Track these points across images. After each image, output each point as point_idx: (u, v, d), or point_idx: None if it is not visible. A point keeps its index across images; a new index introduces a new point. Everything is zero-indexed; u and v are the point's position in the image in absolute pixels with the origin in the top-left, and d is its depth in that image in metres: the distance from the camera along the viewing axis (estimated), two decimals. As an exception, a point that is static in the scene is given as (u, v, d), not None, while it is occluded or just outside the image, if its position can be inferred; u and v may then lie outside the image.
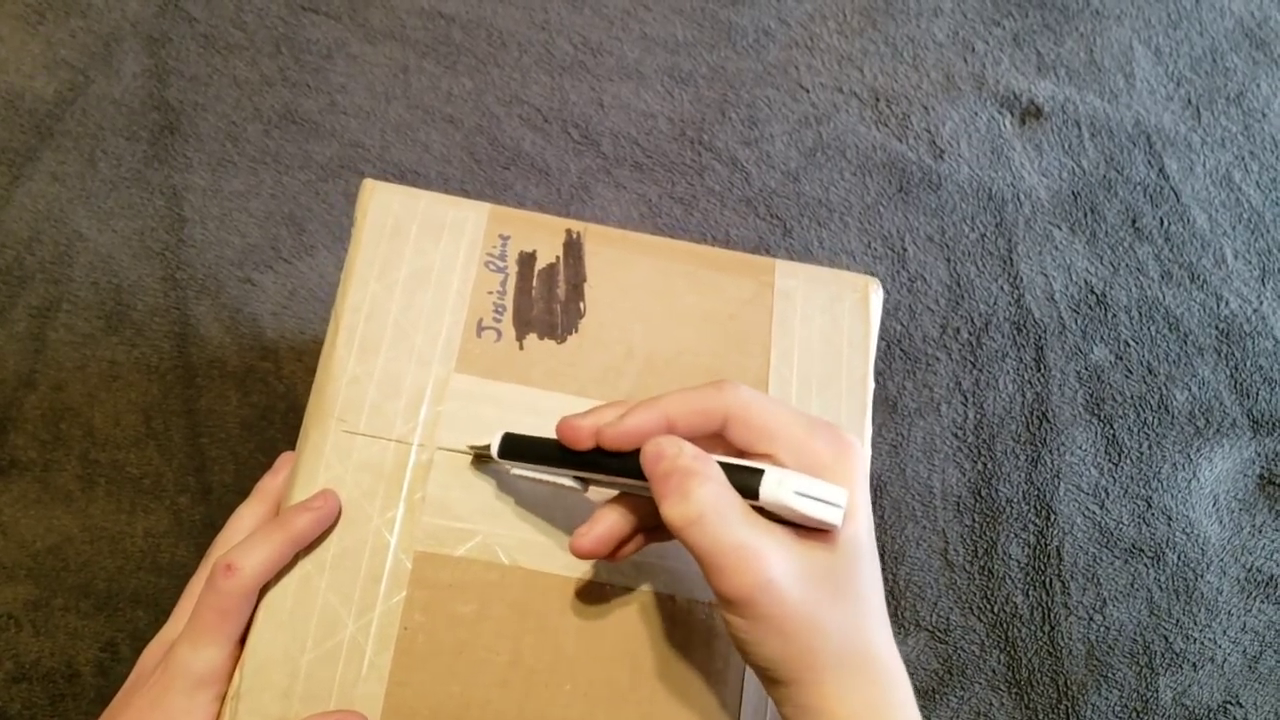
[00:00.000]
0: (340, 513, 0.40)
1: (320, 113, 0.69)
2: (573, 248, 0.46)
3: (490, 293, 0.45)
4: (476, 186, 0.68)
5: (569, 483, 0.38)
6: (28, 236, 0.63)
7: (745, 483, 0.33)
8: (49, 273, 0.62)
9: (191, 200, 0.65)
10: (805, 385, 0.44)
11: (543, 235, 0.46)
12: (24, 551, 0.56)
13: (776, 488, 0.33)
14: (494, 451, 0.39)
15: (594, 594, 0.40)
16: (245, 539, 0.39)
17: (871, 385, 0.45)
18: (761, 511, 0.34)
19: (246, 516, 0.43)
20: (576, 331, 0.45)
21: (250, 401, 0.60)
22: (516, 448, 0.39)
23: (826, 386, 0.44)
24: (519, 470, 0.39)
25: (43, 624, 0.55)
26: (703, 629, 0.40)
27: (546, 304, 0.45)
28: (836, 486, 0.33)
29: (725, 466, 0.34)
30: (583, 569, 0.41)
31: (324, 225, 0.66)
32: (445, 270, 0.45)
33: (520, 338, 0.44)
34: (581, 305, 0.45)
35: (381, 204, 0.45)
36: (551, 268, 0.46)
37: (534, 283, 0.45)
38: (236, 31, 0.71)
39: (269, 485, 0.44)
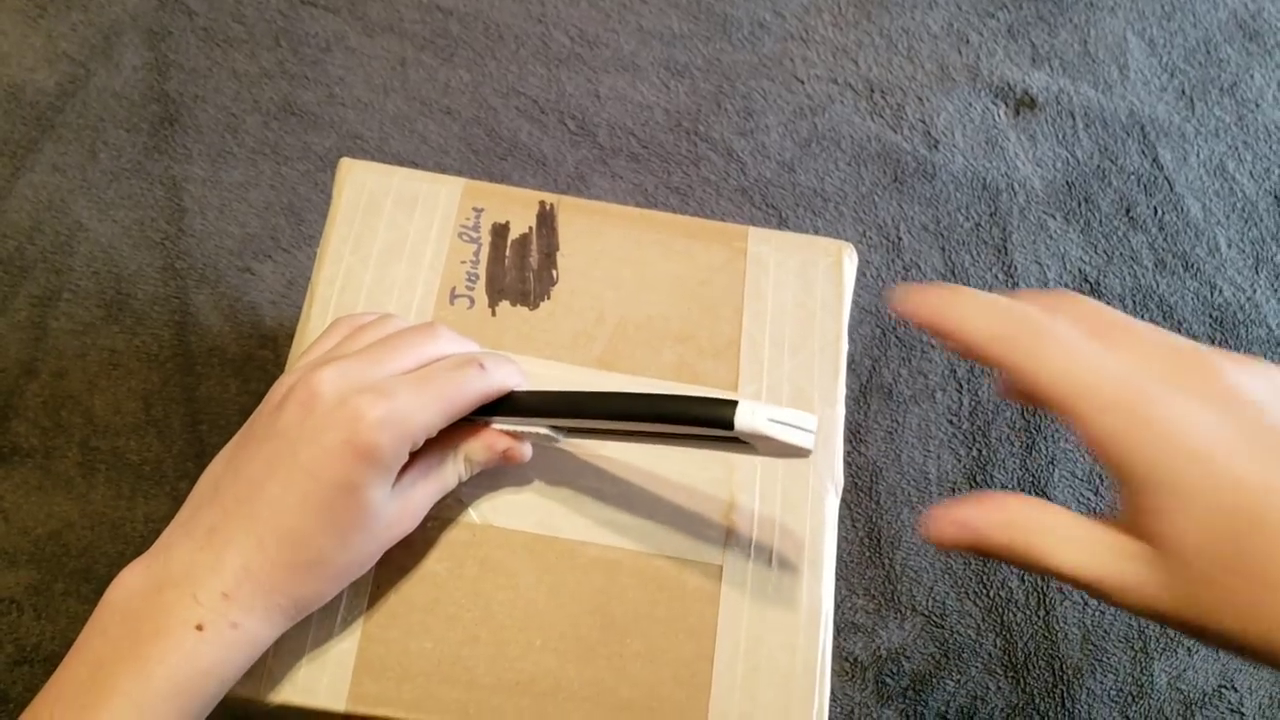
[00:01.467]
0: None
1: (319, 104, 0.69)
2: (546, 218, 0.47)
3: (463, 262, 0.45)
4: (474, 177, 0.68)
5: (545, 432, 0.38)
6: (29, 226, 0.63)
7: (719, 414, 0.33)
8: (50, 262, 0.63)
9: (191, 191, 0.66)
10: (777, 348, 0.45)
11: (516, 207, 0.47)
12: (25, 537, 0.56)
13: (750, 417, 0.33)
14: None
15: (565, 551, 0.41)
16: (488, 356, 0.38)
17: (845, 348, 0.45)
18: (736, 443, 0.34)
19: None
20: (549, 298, 0.45)
21: (249, 389, 0.61)
22: (492, 402, 0.39)
23: (799, 349, 0.45)
24: (497, 424, 0.40)
25: (44, 608, 0.55)
26: (674, 584, 0.40)
27: (519, 272, 0.45)
28: (806, 413, 0.33)
29: (695, 400, 0.34)
30: (553, 527, 0.41)
31: (322, 215, 0.66)
32: (419, 242, 0.45)
33: (493, 305, 0.45)
34: (554, 273, 0.45)
35: (357, 181, 0.46)
36: (525, 238, 0.46)
37: (507, 252, 0.46)
38: (236, 25, 0.71)
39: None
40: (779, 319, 0.45)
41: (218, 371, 0.61)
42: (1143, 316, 0.70)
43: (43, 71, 0.68)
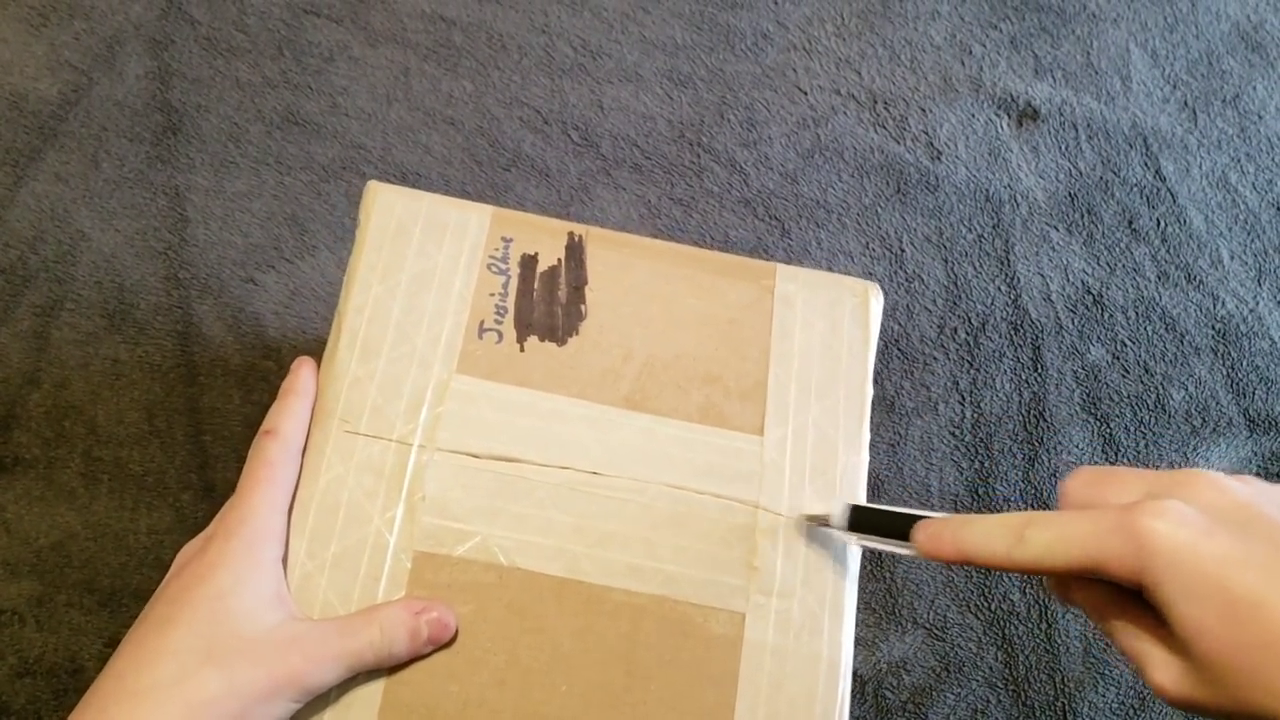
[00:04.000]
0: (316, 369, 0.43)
1: (322, 114, 0.69)
2: (574, 250, 0.46)
3: (492, 295, 0.45)
4: (477, 188, 0.68)
5: (907, 552, 0.38)
6: (31, 236, 0.63)
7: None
8: (52, 272, 0.63)
9: (194, 200, 0.66)
10: (804, 391, 0.45)
11: (545, 238, 0.46)
12: (28, 548, 0.56)
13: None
14: (836, 523, 0.40)
15: (591, 596, 0.41)
16: (270, 412, 0.42)
17: (870, 392, 0.45)
18: None
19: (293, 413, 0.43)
20: (577, 334, 0.45)
21: (252, 400, 0.61)
22: (865, 521, 0.39)
23: (825, 393, 0.45)
24: (864, 541, 0.40)
25: (47, 620, 0.55)
26: (699, 631, 0.41)
27: (548, 306, 0.45)
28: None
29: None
30: (580, 571, 0.41)
31: (326, 226, 0.66)
32: (448, 272, 0.45)
33: (521, 340, 0.44)
34: (583, 308, 0.45)
35: (385, 206, 0.46)
36: (553, 270, 0.46)
37: (536, 285, 0.45)
38: (239, 34, 0.71)
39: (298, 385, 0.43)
40: (806, 361, 0.45)
41: (220, 382, 0.61)
42: (1145, 329, 0.70)
43: (45, 80, 0.68)
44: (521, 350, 0.44)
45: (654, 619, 0.41)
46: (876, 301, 0.47)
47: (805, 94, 0.75)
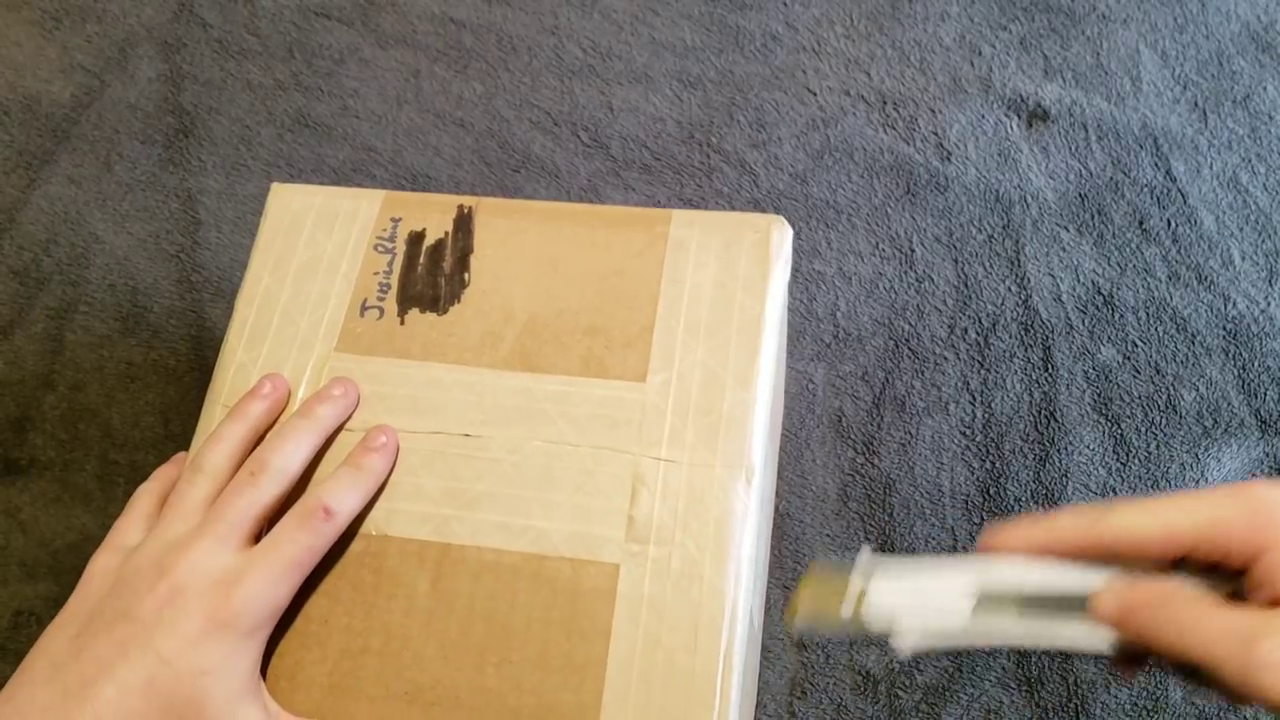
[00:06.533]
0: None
1: (333, 117, 0.70)
2: (463, 222, 0.46)
3: (376, 273, 0.45)
4: (487, 189, 0.69)
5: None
6: (45, 239, 0.64)
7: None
8: (66, 274, 0.63)
9: (206, 203, 0.66)
10: (692, 333, 0.43)
11: (435, 214, 0.46)
12: (44, 549, 0.57)
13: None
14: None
15: (459, 558, 0.40)
16: (330, 479, 0.40)
17: (769, 328, 0.43)
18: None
19: (230, 435, 0.41)
20: (459, 302, 0.44)
21: (265, 402, 0.61)
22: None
23: (715, 333, 0.43)
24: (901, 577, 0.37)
25: (61, 622, 0.55)
26: (569, 586, 0.39)
27: (431, 278, 0.45)
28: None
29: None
30: (448, 534, 0.40)
31: (337, 228, 0.66)
32: (335, 257, 0.45)
33: (402, 313, 0.44)
34: (466, 276, 0.45)
35: (281, 203, 0.46)
36: (440, 243, 0.45)
37: (421, 259, 0.45)
38: (250, 37, 0.72)
39: (252, 409, 0.42)
40: (695, 303, 0.44)
41: (234, 384, 0.61)
42: (1156, 329, 0.70)
43: (58, 83, 0.69)
44: (402, 324, 0.44)
45: (525, 577, 0.40)
46: (780, 234, 0.44)
47: (815, 95, 0.75)
